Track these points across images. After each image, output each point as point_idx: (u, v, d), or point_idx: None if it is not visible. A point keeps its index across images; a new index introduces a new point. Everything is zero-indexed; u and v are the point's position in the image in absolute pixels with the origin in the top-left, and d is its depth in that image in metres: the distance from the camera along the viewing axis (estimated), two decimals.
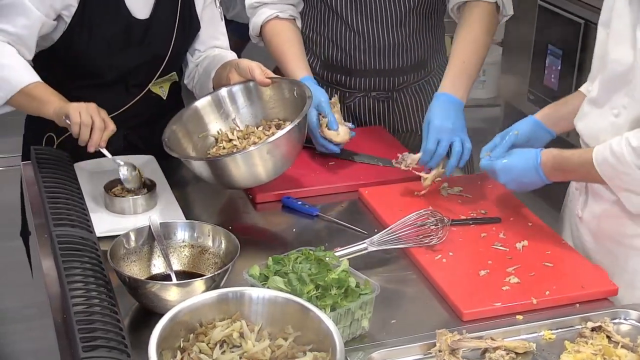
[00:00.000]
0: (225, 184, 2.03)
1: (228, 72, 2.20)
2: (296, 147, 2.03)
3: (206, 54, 2.36)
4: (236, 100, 2.20)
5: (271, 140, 1.94)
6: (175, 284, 1.67)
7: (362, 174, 2.26)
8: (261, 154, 1.94)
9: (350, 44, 2.43)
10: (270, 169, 1.99)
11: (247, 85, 2.19)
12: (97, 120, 1.97)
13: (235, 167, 1.95)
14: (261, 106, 2.20)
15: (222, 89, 2.20)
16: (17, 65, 2.07)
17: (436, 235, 1.90)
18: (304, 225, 2.05)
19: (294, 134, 1.97)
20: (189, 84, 2.41)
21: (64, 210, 1.84)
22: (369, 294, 1.62)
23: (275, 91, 2.17)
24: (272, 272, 1.65)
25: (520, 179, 1.91)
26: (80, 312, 1.50)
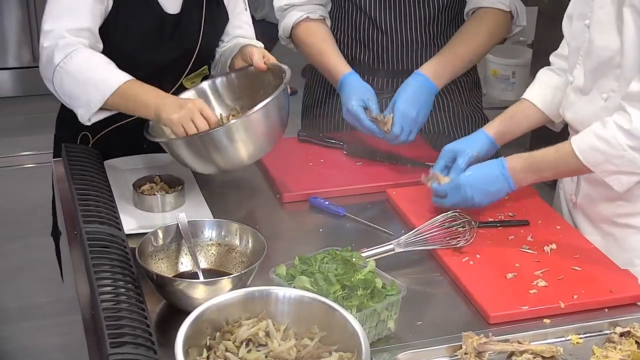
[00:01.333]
0: (211, 166, 1.98)
1: (235, 58, 2.21)
2: (276, 125, 1.99)
3: (229, 44, 2.36)
4: (219, 91, 2.20)
5: (248, 115, 1.91)
6: (202, 282, 1.67)
7: (390, 175, 2.25)
8: (237, 129, 1.91)
9: (378, 44, 2.43)
10: (250, 148, 1.95)
11: (229, 76, 2.20)
12: (201, 125, 1.91)
13: (213, 145, 1.91)
14: (248, 95, 2.18)
15: (203, 82, 2.21)
16: (109, 65, 2.03)
17: (463, 237, 1.89)
18: (331, 226, 2.05)
19: (272, 109, 1.94)
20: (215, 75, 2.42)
21: (94, 208, 1.85)
22: (395, 295, 1.62)
23: (262, 79, 2.15)
24: (298, 272, 1.65)
25: (487, 188, 1.94)
26: (108, 308, 1.51)
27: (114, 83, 1.99)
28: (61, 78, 2.01)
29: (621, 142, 1.78)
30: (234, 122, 1.91)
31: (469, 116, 2.57)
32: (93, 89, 1.99)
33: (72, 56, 2.00)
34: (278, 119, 1.99)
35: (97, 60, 2.03)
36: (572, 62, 1.99)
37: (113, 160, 2.21)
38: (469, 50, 2.33)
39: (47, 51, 2.02)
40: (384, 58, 2.45)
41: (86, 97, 2.00)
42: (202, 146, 1.92)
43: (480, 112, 2.61)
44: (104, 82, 1.99)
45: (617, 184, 1.84)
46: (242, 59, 2.18)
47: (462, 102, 2.56)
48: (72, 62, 2.00)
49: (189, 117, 1.91)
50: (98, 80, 2.00)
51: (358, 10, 2.41)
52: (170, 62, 2.24)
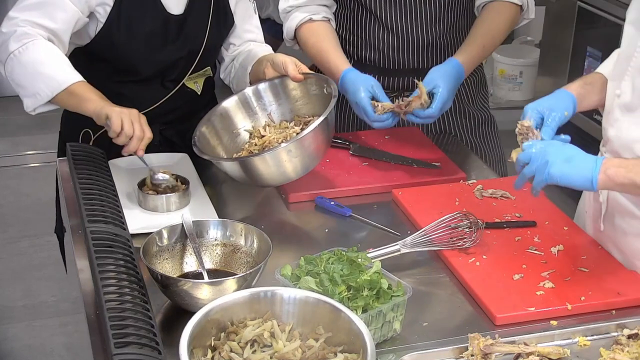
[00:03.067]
0: (256, 182, 2.03)
1: (264, 67, 2.20)
2: (323, 143, 2.02)
3: (241, 48, 2.36)
4: (263, 98, 2.21)
5: (298, 138, 1.93)
6: (207, 282, 1.67)
7: (395, 175, 2.24)
8: (288, 152, 1.94)
9: (384, 43, 2.42)
10: (298, 167, 1.99)
11: (273, 82, 2.20)
12: (138, 129, 1.98)
13: (263, 166, 1.95)
14: (288, 103, 2.20)
15: (247, 88, 2.21)
16: (63, 63, 2.07)
17: (470, 238, 1.88)
18: (337, 226, 2.05)
19: (321, 130, 1.96)
20: (226, 79, 2.41)
21: (98, 207, 1.85)
22: (401, 296, 1.61)
23: (302, 88, 2.17)
24: (304, 272, 1.65)
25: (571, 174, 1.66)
26: (113, 308, 1.50)
27: (63, 82, 2.02)
28: (12, 66, 2.05)
29: None
30: (287, 144, 1.93)
31: (476, 116, 2.56)
32: (42, 83, 2.03)
33: (28, 47, 2.03)
34: (327, 135, 2.02)
35: (51, 55, 2.05)
36: (619, 71, 1.80)
37: (117, 160, 2.20)
38: (491, 43, 2.35)
39: (3, 37, 2.06)
40: (391, 57, 2.44)
41: (34, 89, 2.04)
42: (251, 166, 1.96)
43: (486, 112, 2.60)
44: (54, 79, 2.03)
45: None
46: (273, 69, 2.18)
47: (468, 101, 2.55)
48: (26, 53, 2.03)
49: (129, 118, 1.96)
50: (48, 75, 2.03)
51: (364, 9, 2.40)
52: (173, 62, 2.24)
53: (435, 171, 2.25)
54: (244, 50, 2.35)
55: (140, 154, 2.01)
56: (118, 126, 1.96)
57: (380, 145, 2.32)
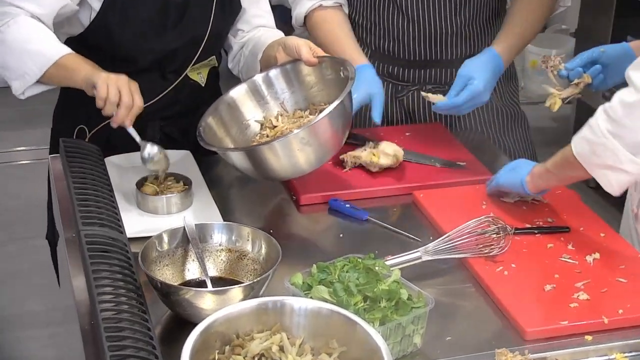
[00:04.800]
0: (266, 175, 2.02)
1: (275, 52, 2.20)
2: (340, 131, 2.00)
3: (250, 34, 2.36)
4: (274, 85, 2.21)
5: (311, 124, 1.92)
6: (211, 291, 1.67)
7: (417, 176, 2.25)
8: (300, 140, 1.92)
9: (404, 32, 2.43)
10: (311, 157, 1.98)
11: (285, 68, 2.20)
12: (126, 96, 1.98)
13: (273, 156, 1.94)
14: (302, 90, 2.20)
15: (257, 75, 2.21)
16: (49, 37, 2.07)
17: (497, 245, 1.88)
18: (352, 231, 2.05)
19: (336, 116, 1.95)
20: (234, 69, 2.42)
21: (93, 209, 1.85)
22: (422, 308, 1.61)
23: (316, 73, 2.17)
24: (316, 281, 1.65)
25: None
26: (109, 318, 1.51)
27: (52, 56, 2.03)
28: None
29: (601, 126, 1.73)
30: (298, 131, 1.92)
31: (504, 111, 2.57)
32: (30, 61, 2.04)
33: (10, 25, 2.05)
34: (343, 122, 2.01)
35: (36, 31, 2.06)
36: None
37: (114, 157, 2.22)
38: (530, 31, 2.37)
39: None
40: (410, 47, 2.45)
41: (22, 69, 2.05)
42: (261, 156, 1.95)
43: (516, 107, 2.61)
44: (42, 55, 2.04)
45: (606, 183, 1.79)
46: (286, 53, 2.18)
47: (496, 95, 2.55)
48: (9, 30, 2.04)
49: (116, 83, 1.96)
50: (35, 52, 2.04)
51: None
52: (174, 51, 2.24)
53: (460, 171, 2.26)
54: (253, 37, 2.35)
55: (127, 124, 2.01)
56: (104, 92, 1.96)
57: (400, 143, 2.32)
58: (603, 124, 1.73)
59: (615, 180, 1.78)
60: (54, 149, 2.33)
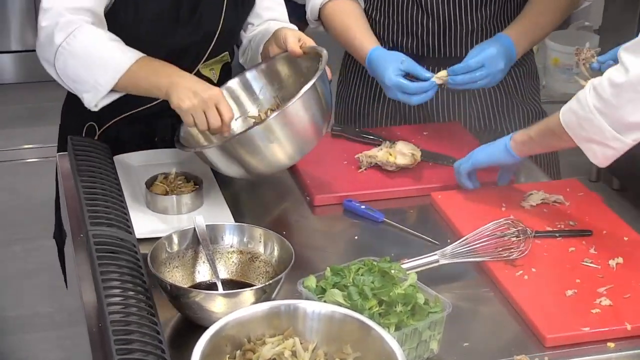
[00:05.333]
0: (250, 171, 1.99)
1: (269, 44, 2.21)
2: (316, 120, 1.97)
3: (259, 28, 2.36)
4: (251, 86, 2.21)
5: (281, 111, 1.89)
6: (222, 293, 1.68)
7: (434, 176, 2.24)
8: (271, 129, 1.90)
9: (423, 28, 2.42)
10: (288, 148, 1.95)
11: (261, 67, 2.20)
12: (213, 120, 1.92)
13: (247, 149, 1.91)
14: (283, 86, 2.19)
15: (232, 80, 2.22)
16: (118, 44, 2.04)
17: (517, 249, 1.88)
18: (368, 233, 2.05)
19: (310, 99, 1.93)
20: (245, 64, 2.42)
21: (102, 208, 1.86)
22: (439, 313, 1.61)
23: (291, 66, 2.15)
24: (330, 284, 1.65)
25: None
26: (117, 321, 1.52)
27: (124, 63, 2.00)
28: (64, 60, 2.02)
29: (589, 102, 1.78)
30: (269, 119, 1.90)
31: (525, 110, 2.56)
32: (101, 70, 2.00)
33: (76, 35, 2.01)
34: (318, 110, 1.97)
35: (104, 38, 2.04)
36: None
37: (124, 156, 2.22)
38: (548, 21, 2.36)
39: (47, 31, 2.03)
40: (430, 44, 2.44)
41: (93, 79, 2.01)
42: (235, 150, 1.93)
43: (537, 106, 2.60)
44: (113, 62, 2.00)
45: (591, 155, 1.84)
46: (276, 45, 2.18)
47: (516, 94, 2.55)
48: (76, 41, 2.01)
49: (201, 109, 1.92)
50: (106, 60, 2.00)
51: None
52: (186, 46, 2.24)
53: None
54: (261, 30, 2.35)
55: (226, 133, 1.98)
56: (191, 123, 1.94)
57: (417, 142, 2.32)
58: (591, 99, 1.79)
59: (601, 154, 1.84)
60: (62, 147, 2.34)
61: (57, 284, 2.59)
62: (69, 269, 2.35)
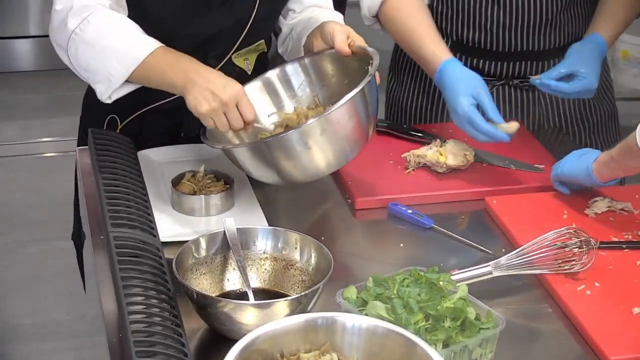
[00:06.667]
0: (282, 178, 1.99)
1: (313, 38, 2.20)
2: (360, 126, 1.97)
3: (302, 15, 2.35)
4: (290, 80, 2.21)
5: (323, 115, 1.89)
6: (253, 304, 1.68)
7: (490, 179, 2.24)
8: (313, 133, 1.89)
9: (491, 20, 2.40)
10: (328, 155, 1.95)
11: (303, 61, 2.20)
12: (234, 121, 1.94)
13: (282, 152, 1.91)
14: (326, 86, 2.19)
15: (270, 71, 2.22)
16: (135, 31, 2.06)
17: (579, 261, 1.87)
18: (414, 240, 2.05)
19: (354, 108, 1.92)
20: (284, 54, 2.42)
21: (124, 208, 1.87)
22: (492, 329, 1.61)
23: (339, 66, 2.15)
24: (372, 296, 1.65)
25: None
26: (139, 331, 1.52)
27: (139, 54, 2.00)
28: (76, 48, 2.04)
29: None
30: (309, 123, 1.90)
31: (597, 108, 2.54)
32: (114, 61, 2.01)
33: (90, 21, 2.02)
34: (363, 118, 1.98)
35: (120, 25, 2.05)
36: None
37: (148, 151, 2.23)
38: (631, 17, 2.35)
39: (60, 15, 2.05)
40: (500, 38, 2.42)
41: (106, 70, 2.02)
42: (269, 151, 1.92)
43: (610, 104, 2.58)
44: (128, 53, 2.01)
45: None
46: (322, 39, 2.18)
47: None
48: (90, 28, 2.02)
49: (221, 111, 1.93)
50: (121, 50, 2.01)
51: None
52: (217, 33, 2.25)
53: (538, 176, 2.24)
54: (304, 18, 2.34)
55: (250, 131, 2.01)
56: (212, 125, 1.96)
57: (470, 141, 2.31)
58: None
59: None
60: (83, 141, 2.35)
61: (76, 289, 2.61)
62: (87, 273, 2.36)
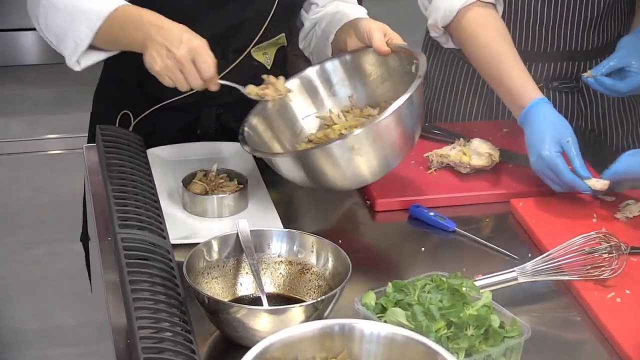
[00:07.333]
0: (322, 185, 2.01)
1: (346, 36, 2.20)
2: (406, 135, 1.99)
3: (326, 10, 2.36)
4: (331, 80, 2.21)
5: (370, 125, 1.91)
6: (267, 309, 1.68)
7: (516, 181, 2.24)
8: (358, 143, 1.91)
9: (536, 18, 2.39)
10: (373, 165, 1.97)
11: (343, 58, 2.20)
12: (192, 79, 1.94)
13: (327, 162, 1.93)
14: (364, 85, 2.19)
15: (309, 68, 2.22)
16: None
17: (609, 267, 1.86)
18: (436, 244, 2.05)
19: (402, 115, 1.93)
20: (306, 50, 2.42)
21: (132, 209, 1.87)
22: (517, 338, 1.61)
23: (382, 65, 2.16)
24: (391, 302, 1.65)
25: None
26: (147, 337, 1.52)
27: (102, 12, 2.01)
28: (46, 14, 2.07)
29: None
30: (356, 133, 1.91)
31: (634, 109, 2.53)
32: (81, 23, 2.03)
33: None
34: (410, 125, 1.99)
35: None
36: None
37: (158, 149, 2.24)
38: None
39: None
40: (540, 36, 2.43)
41: (73, 32, 2.04)
42: (312, 162, 1.94)
43: None
44: (92, 12, 2.02)
45: None
46: (358, 38, 2.18)
47: None
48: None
49: (176, 68, 1.93)
50: (85, 10, 2.03)
51: None
52: (237, 25, 2.25)
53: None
54: (329, 13, 2.34)
55: (213, 88, 2.00)
56: (169, 83, 1.95)
57: (496, 141, 2.30)
58: None
59: None
60: (93, 138, 2.36)
61: (83, 293, 2.61)
62: (94, 277, 2.37)
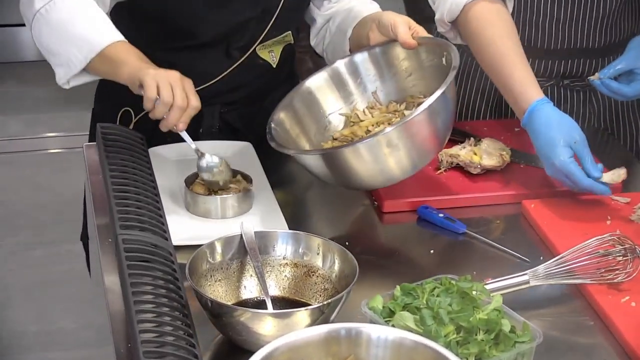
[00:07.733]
0: (351, 184, 2.03)
1: (368, 30, 2.20)
2: (440, 131, 2.00)
3: (339, 6, 2.36)
4: (360, 73, 2.21)
5: (403, 123, 1.92)
6: (272, 313, 1.68)
7: (528, 181, 2.24)
8: (390, 141, 1.92)
9: (546, 15, 2.39)
10: (405, 163, 1.98)
11: (374, 51, 2.20)
12: (179, 96, 1.98)
13: (357, 160, 1.95)
14: (395, 79, 2.20)
15: (339, 61, 2.22)
16: (97, 20, 2.11)
17: (624, 270, 1.86)
18: (446, 246, 2.05)
19: (436, 112, 1.94)
20: (318, 47, 2.42)
21: (134, 209, 1.88)
22: (528, 343, 1.60)
23: (413, 58, 2.16)
24: (399, 306, 1.65)
25: None
26: (149, 341, 1.52)
27: (98, 44, 2.06)
28: (40, 28, 2.11)
29: None
30: (388, 131, 1.91)
31: None
32: (74, 48, 2.08)
33: (56, 3, 2.08)
34: (445, 117, 1.99)
35: (84, 11, 2.10)
36: None
37: (160, 148, 2.24)
38: None
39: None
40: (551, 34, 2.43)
41: (66, 55, 2.09)
42: (344, 161, 1.95)
43: None
44: (87, 41, 2.07)
45: None
46: (381, 32, 2.18)
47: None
48: (55, 10, 2.08)
49: (167, 81, 1.97)
50: (80, 37, 2.07)
51: None
52: (242, 23, 2.25)
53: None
54: (342, 9, 2.34)
55: (180, 127, 2.02)
56: (153, 91, 1.97)
57: (507, 140, 2.30)
58: None
59: None
60: (94, 136, 2.36)
61: (83, 295, 2.62)
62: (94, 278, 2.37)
